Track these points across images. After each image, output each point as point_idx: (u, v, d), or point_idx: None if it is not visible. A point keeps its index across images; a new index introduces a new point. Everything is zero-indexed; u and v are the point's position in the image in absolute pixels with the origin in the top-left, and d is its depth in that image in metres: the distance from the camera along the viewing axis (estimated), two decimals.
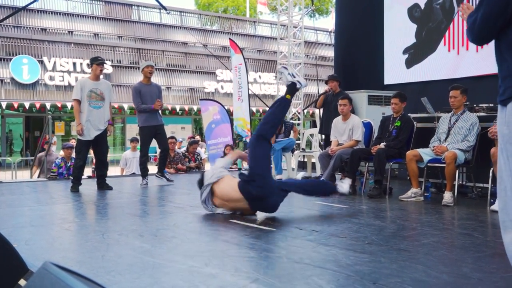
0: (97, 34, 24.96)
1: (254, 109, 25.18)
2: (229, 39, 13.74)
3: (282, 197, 4.88)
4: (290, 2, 14.67)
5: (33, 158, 14.91)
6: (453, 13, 8.94)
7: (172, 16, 27.59)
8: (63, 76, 22.52)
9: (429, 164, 6.03)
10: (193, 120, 26.73)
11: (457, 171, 5.83)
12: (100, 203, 6.23)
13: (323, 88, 9.01)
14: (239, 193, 4.75)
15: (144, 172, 7.77)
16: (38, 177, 11.25)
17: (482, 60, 8.46)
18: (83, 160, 7.31)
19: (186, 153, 11.68)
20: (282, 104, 5.19)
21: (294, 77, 5.24)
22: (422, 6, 9.52)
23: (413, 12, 9.69)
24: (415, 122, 6.79)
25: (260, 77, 27.55)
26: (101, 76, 7.50)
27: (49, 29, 23.78)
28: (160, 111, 7.90)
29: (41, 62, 22.23)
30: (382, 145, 6.57)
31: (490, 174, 5.48)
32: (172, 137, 11.03)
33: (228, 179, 4.98)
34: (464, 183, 6.67)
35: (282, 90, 15.75)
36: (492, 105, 6.40)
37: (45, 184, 8.60)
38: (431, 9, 9.36)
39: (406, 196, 6.05)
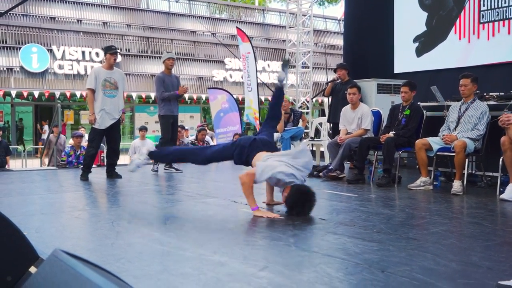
0: (106, 23, 24.94)
1: (262, 98, 25.15)
2: (236, 27, 13.70)
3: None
4: None
5: (42, 146, 15.01)
6: (464, 1, 8.86)
7: (181, 4, 27.53)
8: (72, 65, 22.55)
9: (438, 153, 6.00)
10: (202, 109, 26.72)
11: (467, 160, 5.80)
12: (110, 191, 6.26)
13: (331, 76, 8.98)
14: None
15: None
16: (48, 165, 11.32)
17: (493, 49, 8.40)
18: (96, 149, 7.36)
19: (195, 141, 11.68)
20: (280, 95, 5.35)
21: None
22: None
23: (424, 0, 9.61)
24: (424, 111, 6.76)
25: (269, 65, 27.46)
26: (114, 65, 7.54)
27: (58, 18, 23.79)
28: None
29: (50, 51, 22.26)
30: (391, 133, 6.55)
31: (500, 163, 5.45)
32: (181, 126, 11.04)
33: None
34: (473, 172, 6.64)
35: (291, 79, 15.74)
36: (502, 93, 6.35)
37: (54, 172, 8.65)
38: None
39: (415, 185, 6.03)
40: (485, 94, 6.42)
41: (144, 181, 7.14)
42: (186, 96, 24.73)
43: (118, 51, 7.69)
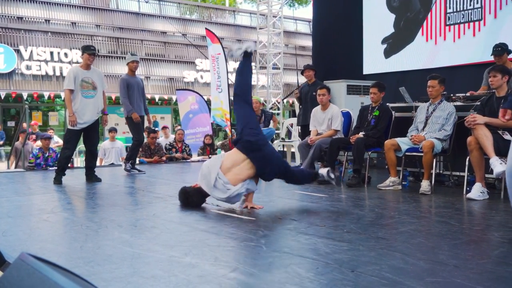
0: (75, 23, 24.61)
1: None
2: (206, 28, 13.66)
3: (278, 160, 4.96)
4: None
5: (10, 148, 14.72)
6: (430, 3, 9.01)
7: (151, 5, 27.34)
8: (40, 66, 22.18)
9: (407, 153, 6.09)
10: (173, 110, 26.58)
11: (434, 160, 5.89)
12: (79, 194, 6.18)
13: (302, 78, 9.04)
14: (240, 153, 4.73)
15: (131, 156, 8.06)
16: (15, 167, 11.12)
17: (459, 50, 8.57)
18: (71, 150, 7.19)
19: (173, 142, 11.60)
20: (246, 64, 5.21)
21: (241, 48, 5.13)
22: None
23: (392, 2, 9.74)
24: (393, 112, 6.85)
25: None
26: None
27: (25, 18, 23.38)
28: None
29: (18, 51, 21.85)
30: (360, 134, 6.62)
31: (467, 163, 5.55)
32: (154, 131, 10.92)
33: (229, 153, 4.95)
34: (441, 171, 6.76)
35: (262, 80, 15.76)
36: (468, 94, 6.48)
37: (22, 174, 8.50)
38: None
39: (384, 185, 6.11)
40: (452, 95, 6.54)
41: (114, 183, 7.08)
42: (157, 97, 24.57)
43: (97, 53, 7.59)
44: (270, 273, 2.74)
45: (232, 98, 6.49)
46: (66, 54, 22.52)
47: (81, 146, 8.66)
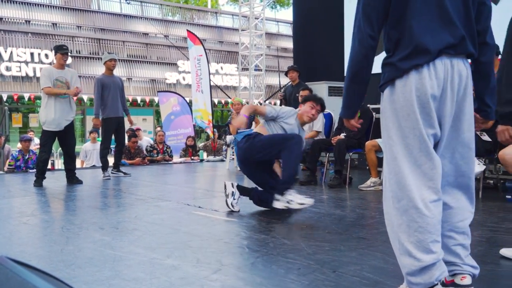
0: (56, 24, 24.42)
1: (216, 100, 25.12)
2: (187, 30, 13.65)
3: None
4: None
5: None
6: None
7: (133, 6, 27.24)
8: (20, 67, 21.97)
9: None
10: (155, 112, 26.48)
11: None
12: (59, 196, 6.13)
13: (284, 79, 9.08)
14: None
15: (106, 165, 7.70)
16: None
17: None
18: (48, 153, 7.13)
19: (154, 144, 11.55)
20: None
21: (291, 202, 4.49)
22: None
23: None
24: (374, 113, 6.90)
25: (222, 68, 27.47)
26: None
27: (5, 18, 23.14)
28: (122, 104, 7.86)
29: None
30: (342, 135, 6.66)
31: None
32: (134, 135, 10.83)
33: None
34: None
35: (244, 82, 15.77)
36: None
37: (2, 177, 8.40)
38: None
39: (366, 185, 6.15)
40: None
41: (96, 185, 7.03)
42: (139, 98, 24.45)
43: (69, 52, 7.46)
44: (252, 274, 2.75)
45: (213, 99, 6.44)
46: (46, 55, 22.33)
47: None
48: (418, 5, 2.15)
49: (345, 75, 2.43)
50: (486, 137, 5.17)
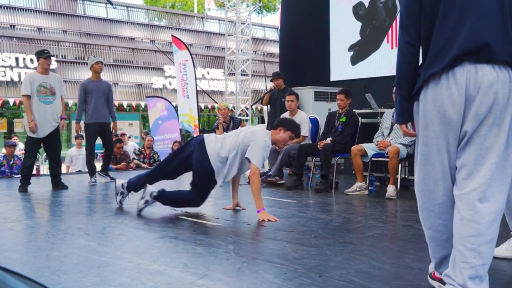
0: (41, 29, 24.26)
1: (202, 105, 25.08)
2: (172, 35, 13.64)
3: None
4: None
5: None
6: (395, 12, 9.18)
7: (119, 11, 27.15)
8: (5, 72, 21.78)
9: (373, 159, 6.18)
10: (141, 117, 26.38)
11: (400, 165, 6.00)
12: (45, 201, 6.08)
13: (270, 84, 9.09)
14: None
15: (92, 170, 7.62)
16: None
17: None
18: (33, 159, 7.05)
19: (142, 149, 11.50)
20: None
21: None
22: (366, 5, 9.73)
23: (358, 10, 9.89)
24: (360, 118, 6.94)
25: (208, 73, 27.44)
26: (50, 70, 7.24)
27: None
28: (108, 108, 7.76)
29: None
30: (328, 140, 6.69)
31: None
32: (119, 140, 10.77)
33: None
34: (406, 176, 6.87)
35: (230, 87, 15.78)
36: None
37: None
38: (375, 7, 9.58)
39: (351, 190, 6.18)
40: None
41: (81, 190, 6.99)
42: (125, 103, 24.36)
43: (52, 55, 7.36)
44: (239, 279, 2.75)
45: (200, 104, 6.43)
46: (31, 60, 22.16)
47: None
48: (441, 13, 2.22)
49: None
50: None
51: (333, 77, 10.30)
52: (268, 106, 9.13)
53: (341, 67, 10.20)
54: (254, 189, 4.59)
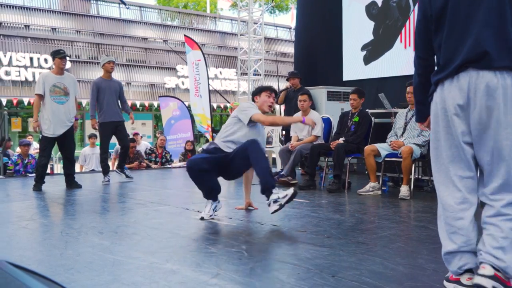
0: (55, 29, 24.45)
1: (215, 105, 25.13)
2: (184, 35, 13.67)
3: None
4: None
5: None
6: (409, 11, 9.13)
7: (132, 11, 27.27)
8: (19, 71, 21.98)
9: (386, 159, 6.15)
10: (154, 116, 26.49)
11: (413, 165, 5.96)
12: (59, 200, 6.13)
13: (283, 84, 9.09)
14: None
15: (105, 169, 7.66)
16: None
17: None
18: (47, 158, 7.12)
19: (154, 148, 11.54)
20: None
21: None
22: (379, 4, 9.69)
23: (371, 10, 9.85)
24: (372, 118, 6.91)
25: (221, 73, 27.49)
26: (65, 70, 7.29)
27: (4, 23, 23.16)
28: (120, 108, 7.80)
29: None
30: (341, 140, 6.66)
31: None
32: (132, 140, 10.80)
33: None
34: (420, 176, 6.83)
35: (243, 86, 15.79)
36: None
37: (1, 181, 8.40)
38: (388, 7, 9.53)
39: (364, 190, 6.15)
40: None
41: (95, 189, 7.03)
42: (138, 103, 24.47)
43: (68, 55, 7.41)
44: (252, 279, 2.75)
45: (212, 104, 6.44)
46: (46, 60, 22.34)
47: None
48: (448, 26, 2.51)
49: None
50: None
51: (346, 77, 10.27)
52: (283, 105, 9.11)
53: (353, 67, 10.17)
54: (277, 119, 5.43)
